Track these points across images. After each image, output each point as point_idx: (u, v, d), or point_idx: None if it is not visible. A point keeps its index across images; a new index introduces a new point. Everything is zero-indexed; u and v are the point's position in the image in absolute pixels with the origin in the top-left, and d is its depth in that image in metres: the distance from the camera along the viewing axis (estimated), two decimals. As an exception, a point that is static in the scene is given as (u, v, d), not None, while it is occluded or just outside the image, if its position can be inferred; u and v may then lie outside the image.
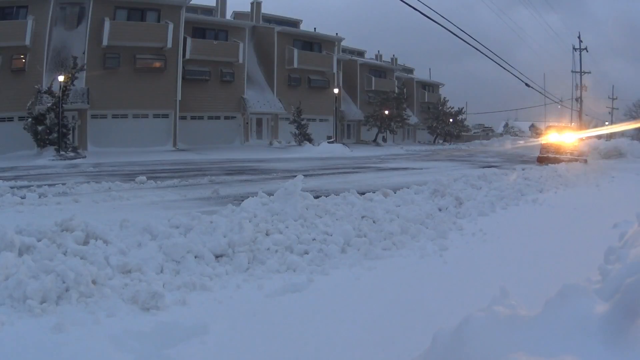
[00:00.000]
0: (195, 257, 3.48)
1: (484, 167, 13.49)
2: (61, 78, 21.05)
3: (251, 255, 3.71)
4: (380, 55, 50.79)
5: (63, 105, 21.67)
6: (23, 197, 6.85)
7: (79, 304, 2.63)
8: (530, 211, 6.55)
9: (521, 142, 39.10)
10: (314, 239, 4.10)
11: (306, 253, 3.89)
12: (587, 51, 40.67)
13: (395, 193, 6.49)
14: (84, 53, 24.97)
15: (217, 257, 3.64)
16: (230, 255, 3.68)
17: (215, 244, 3.68)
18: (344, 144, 30.40)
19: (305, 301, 2.98)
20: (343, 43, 41.17)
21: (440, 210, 5.94)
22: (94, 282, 2.79)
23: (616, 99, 56.69)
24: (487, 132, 60.22)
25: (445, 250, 4.24)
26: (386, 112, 37.27)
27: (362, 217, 4.89)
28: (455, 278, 3.48)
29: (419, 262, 3.95)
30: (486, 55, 14.66)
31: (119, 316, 2.58)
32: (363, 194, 6.11)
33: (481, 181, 8.32)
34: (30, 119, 21.61)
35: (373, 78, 41.22)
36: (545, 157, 16.65)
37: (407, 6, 9.28)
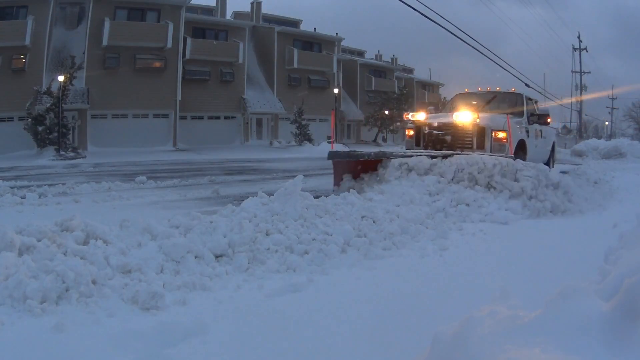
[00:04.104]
0: (195, 257, 3.48)
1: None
2: (61, 78, 21.05)
3: (251, 255, 3.70)
4: (380, 55, 50.82)
5: (63, 105, 21.66)
6: (23, 197, 6.85)
7: (79, 304, 2.63)
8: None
9: None
10: (314, 239, 4.10)
11: (306, 253, 3.88)
12: (587, 51, 40.75)
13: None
14: (84, 53, 24.99)
15: (217, 257, 3.64)
16: (230, 255, 3.67)
17: (215, 244, 3.68)
18: (344, 144, 30.41)
19: (305, 301, 2.98)
20: (343, 43, 41.19)
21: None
22: (94, 282, 2.79)
23: (616, 98, 56.78)
24: (487, 132, 60.13)
25: (445, 250, 4.24)
26: (386, 112, 37.28)
27: (362, 217, 4.88)
28: (456, 278, 3.48)
29: (419, 261, 3.95)
30: (486, 56, 14.67)
31: (119, 316, 2.58)
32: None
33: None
34: (30, 119, 21.62)
35: (373, 78, 41.24)
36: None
37: (407, 6, 9.29)
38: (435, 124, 8.16)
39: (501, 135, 7.63)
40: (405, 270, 3.70)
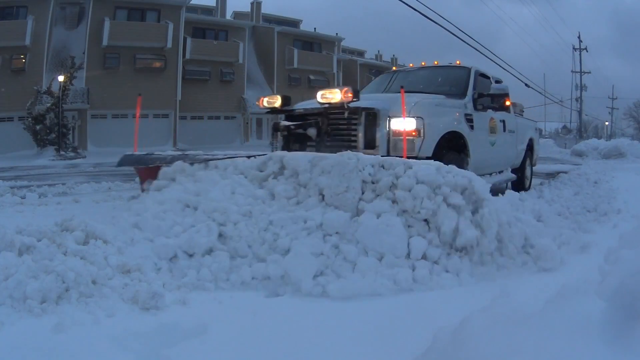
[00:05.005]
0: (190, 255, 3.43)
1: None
2: (61, 78, 21.07)
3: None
4: (380, 55, 50.82)
5: (63, 105, 21.68)
6: (23, 197, 6.84)
7: (79, 304, 2.63)
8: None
9: None
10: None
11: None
12: (587, 51, 40.78)
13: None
14: (84, 53, 25.00)
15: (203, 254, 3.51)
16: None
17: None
18: (344, 144, 30.35)
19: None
20: (343, 43, 41.20)
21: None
22: (94, 282, 2.79)
23: (616, 98, 56.87)
24: (487, 132, 60.20)
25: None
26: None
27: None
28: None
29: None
30: (486, 56, 14.69)
31: (119, 316, 2.57)
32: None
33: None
34: (30, 119, 21.64)
35: (373, 78, 41.12)
36: None
37: (407, 6, 9.30)
38: (296, 113, 5.59)
39: (406, 125, 4.70)
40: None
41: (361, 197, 3.64)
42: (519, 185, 8.04)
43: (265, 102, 5.99)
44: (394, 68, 8.55)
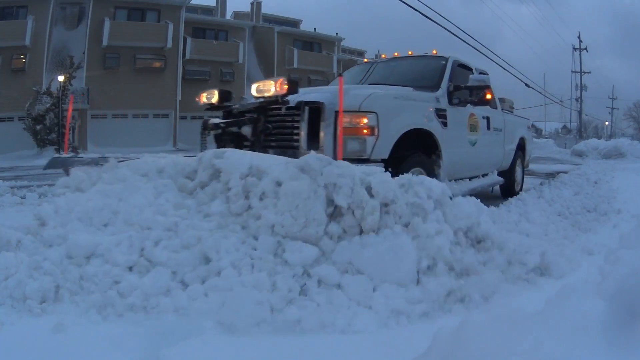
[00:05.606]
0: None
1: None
2: (61, 78, 21.11)
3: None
4: (381, 56, 50.82)
5: (62, 105, 21.72)
6: (23, 197, 6.85)
7: (79, 303, 2.63)
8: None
9: None
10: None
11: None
12: (587, 51, 40.81)
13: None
14: (84, 53, 25.03)
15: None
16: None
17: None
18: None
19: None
20: (343, 43, 41.22)
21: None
22: (93, 281, 2.78)
23: (616, 99, 56.95)
24: (487, 132, 60.22)
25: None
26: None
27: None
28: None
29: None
30: (486, 56, 14.71)
31: (117, 316, 2.57)
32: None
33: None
34: (30, 119, 21.69)
35: (373, 78, 41.14)
36: None
37: (407, 6, 9.31)
38: (233, 109, 5.03)
39: (356, 121, 4.00)
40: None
41: (327, 230, 2.79)
42: (508, 189, 7.52)
43: (204, 97, 5.28)
44: (365, 60, 7.50)
